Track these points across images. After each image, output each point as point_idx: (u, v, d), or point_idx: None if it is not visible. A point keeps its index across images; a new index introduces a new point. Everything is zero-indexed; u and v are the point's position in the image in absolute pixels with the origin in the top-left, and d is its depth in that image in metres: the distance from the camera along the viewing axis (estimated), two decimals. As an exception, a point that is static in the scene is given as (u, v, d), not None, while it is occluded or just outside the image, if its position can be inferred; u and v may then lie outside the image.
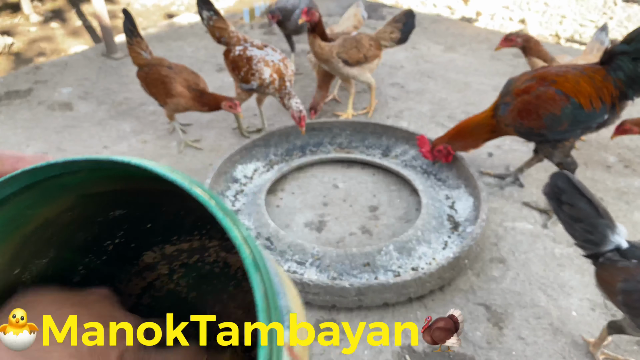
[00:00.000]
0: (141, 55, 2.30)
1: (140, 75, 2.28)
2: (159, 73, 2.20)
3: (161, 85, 2.18)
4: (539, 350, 1.40)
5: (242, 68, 2.14)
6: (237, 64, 2.17)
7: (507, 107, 1.81)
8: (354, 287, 1.45)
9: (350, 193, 2.07)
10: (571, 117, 1.72)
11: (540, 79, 1.76)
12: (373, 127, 2.33)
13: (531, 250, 1.75)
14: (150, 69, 2.23)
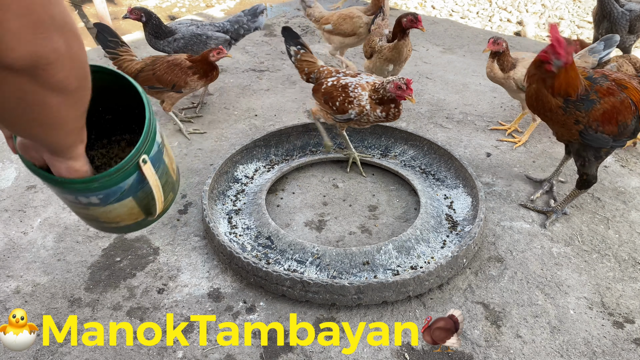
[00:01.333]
0: (135, 60, 2.32)
1: (147, 76, 2.26)
2: (167, 61, 2.26)
3: (177, 69, 2.25)
4: (536, 349, 1.41)
5: (337, 98, 1.94)
6: (331, 94, 1.96)
7: (592, 104, 1.61)
8: (354, 285, 1.46)
9: (350, 193, 2.09)
10: (633, 128, 1.67)
11: (616, 82, 1.66)
12: (372, 127, 2.35)
13: (529, 249, 1.77)
14: (154, 64, 2.27)
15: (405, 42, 2.48)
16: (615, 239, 1.82)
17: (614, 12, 2.67)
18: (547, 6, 5.11)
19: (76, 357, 1.37)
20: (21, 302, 1.53)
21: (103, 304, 1.53)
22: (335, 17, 2.90)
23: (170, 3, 5.05)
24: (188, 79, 2.27)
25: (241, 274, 1.61)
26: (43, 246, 1.75)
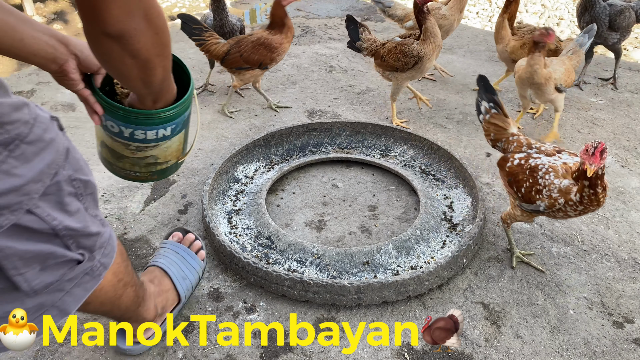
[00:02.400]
0: (221, 43, 2.45)
1: (234, 59, 2.40)
2: (251, 41, 2.38)
3: (262, 48, 2.37)
4: (536, 349, 1.41)
5: (523, 183, 1.53)
6: (516, 176, 1.56)
7: None
8: (354, 285, 1.46)
9: (350, 193, 2.09)
10: None
11: None
12: (372, 127, 2.35)
13: (528, 249, 1.77)
14: (239, 45, 2.40)
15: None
16: (615, 239, 1.82)
17: (596, 6, 2.64)
18: (547, 6, 5.11)
19: (76, 357, 1.37)
20: (21, 302, 1.53)
21: (103, 304, 1.53)
22: None
23: (170, 3, 5.05)
24: (274, 55, 2.41)
25: (241, 274, 1.61)
26: (43, 246, 1.75)
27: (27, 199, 0.71)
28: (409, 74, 2.36)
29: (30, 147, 0.71)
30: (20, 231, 0.73)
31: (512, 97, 2.90)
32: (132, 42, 0.71)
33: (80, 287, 0.89)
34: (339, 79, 3.12)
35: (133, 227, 1.85)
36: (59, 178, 0.77)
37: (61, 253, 0.81)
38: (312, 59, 3.40)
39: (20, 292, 0.80)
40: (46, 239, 0.78)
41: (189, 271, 1.46)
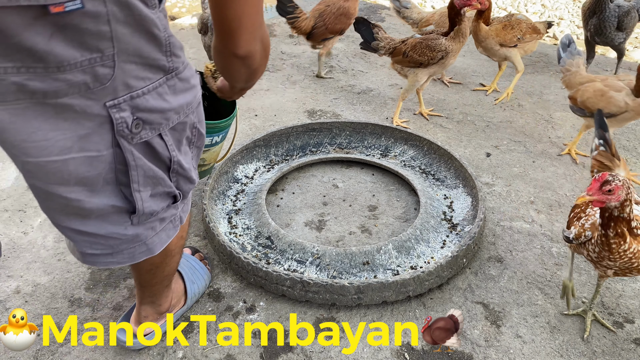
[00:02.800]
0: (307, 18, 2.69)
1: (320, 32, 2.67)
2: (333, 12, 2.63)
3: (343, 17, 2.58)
4: (536, 349, 1.41)
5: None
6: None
7: None
8: (354, 285, 1.46)
9: (350, 193, 2.09)
10: None
11: None
12: (372, 127, 2.35)
13: (528, 249, 1.77)
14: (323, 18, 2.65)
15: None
16: (615, 239, 1.82)
17: (606, 9, 2.65)
18: (547, 6, 5.12)
19: (76, 357, 1.37)
20: (21, 302, 1.53)
21: (103, 304, 1.53)
22: (437, 16, 2.89)
23: (170, 3, 5.05)
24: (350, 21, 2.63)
25: (241, 274, 1.61)
26: (43, 246, 1.75)
27: (165, 124, 0.84)
28: (432, 69, 2.39)
29: (179, 83, 0.85)
30: (150, 150, 0.85)
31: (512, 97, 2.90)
32: (251, 60, 0.92)
33: (165, 232, 1.01)
34: (339, 79, 3.12)
35: (133, 227, 1.85)
36: (187, 120, 0.90)
37: (168, 183, 0.93)
38: (312, 59, 3.40)
39: (127, 216, 0.91)
40: (163, 166, 0.90)
41: (197, 277, 1.51)
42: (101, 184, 0.84)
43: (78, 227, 0.89)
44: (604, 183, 1.14)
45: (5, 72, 0.66)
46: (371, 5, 4.59)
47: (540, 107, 2.80)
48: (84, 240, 0.92)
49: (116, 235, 0.92)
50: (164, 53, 0.80)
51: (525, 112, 2.74)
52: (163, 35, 0.78)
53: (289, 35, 3.83)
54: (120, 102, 0.76)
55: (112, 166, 0.82)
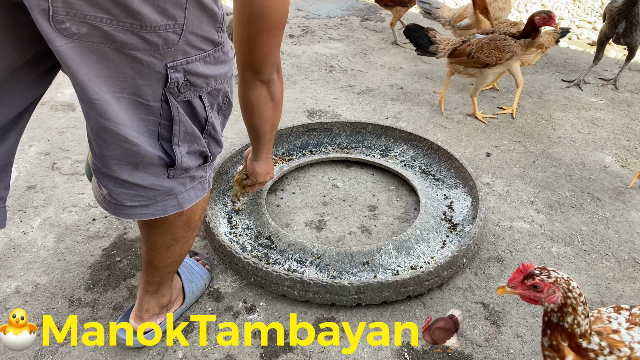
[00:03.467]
0: None
1: None
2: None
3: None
4: (536, 349, 1.41)
5: None
6: None
7: None
8: (354, 285, 1.46)
9: (350, 193, 2.09)
10: None
11: None
12: (372, 127, 2.35)
13: (528, 249, 1.77)
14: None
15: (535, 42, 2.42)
16: (615, 239, 1.82)
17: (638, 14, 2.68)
18: (547, 6, 5.11)
19: (76, 357, 1.37)
20: (21, 302, 1.53)
21: (103, 304, 1.53)
22: (470, 8, 2.90)
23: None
24: None
25: (241, 274, 1.61)
26: (43, 246, 1.75)
27: (206, 88, 0.95)
28: (497, 69, 2.42)
29: (222, 55, 0.96)
30: (191, 109, 0.96)
31: (509, 97, 2.90)
32: (273, 86, 1.18)
33: (194, 190, 1.10)
34: (339, 79, 3.12)
35: (133, 227, 1.85)
36: (221, 87, 1.00)
37: (203, 142, 1.02)
38: (312, 59, 3.40)
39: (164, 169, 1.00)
40: (199, 125, 1.00)
41: (195, 277, 1.52)
42: (147, 135, 0.93)
43: (126, 178, 0.97)
44: (528, 276, 0.94)
45: (100, 21, 0.77)
46: (371, 6, 4.60)
47: (540, 107, 2.80)
48: (125, 193, 1.01)
49: (155, 187, 1.01)
50: (216, 28, 0.92)
51: (525, 112, 2.74)
52: (220, 13, 0.91)
53: (289, 35, 3.83)
54: (178, 64, 0.88)
55: (156, 120, 0.93)
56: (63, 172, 2.15)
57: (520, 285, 0.95)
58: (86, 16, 0.75)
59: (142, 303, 1.34)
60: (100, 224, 1.86)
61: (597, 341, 0.93)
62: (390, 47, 3.68)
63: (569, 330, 0.92)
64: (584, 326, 0.92)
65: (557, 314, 0.93)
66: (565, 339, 0.93)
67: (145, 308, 1.34)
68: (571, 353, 0.94)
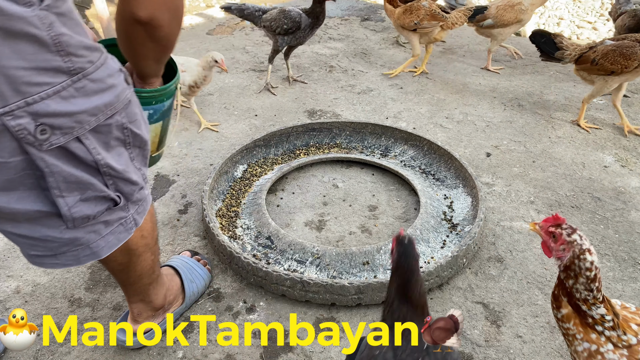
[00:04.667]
0: None
1: None
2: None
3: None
4: (536, 349, 1.41)
5: None
6: None
7: None
8: (354, 285, 1.46)
9: (350, 193, 2.09)
10: None
11: None
12: (372, 127, 2.35)
13: (528, 249, 1.77)
14: None
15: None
16: (614, 239, 1.82)
17: None
18: (547, 6, 5.11)
19: (76, 357, 1.37)
20: (21, 302, 1.53)
21: (103, 304, 1.53)
22: (493, 10, 2.92)
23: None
24: None
25: (241, 274, 1.61)
26: (43, 246, 1.75)
27: (79, 127, 0.80)
28: (623, 77, 2.35)
29: (92, 84, 0.81)
30: (68, 155, 0.82)
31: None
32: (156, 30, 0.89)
33: (114, 235, 0.98)
34: (339, 79, 3.12)
35: (133, 227, 1.85)
36: (112, 121, 0.86)
37: (100, 187, 0.89)
38: (312, 59, 3.40)
39: (60, 220, 0.87)
40: (88, 170, 0.86)
41: (196, 277, 1.52)
42: (22, 189, 0.82)
43: (12, 230, 0.88)
44: (555, 225, 1.00)
45: None
46: (371, 6, 4.59)
47: (540, 107, 2.80)
48: (23, 242, 0.92)
49: (51, 239, 0.90)
50: (55, 53, 0.75)
51: (525, 112, 2.74)
52: (46, 34, 0.73)
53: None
54: (12, 109, 0.72)
55: (27, 173, 0.80)
56: (63, 172, 2.15)
57: (545, 229, 1.02)
58: None
59: (132, 310, 1.33)
60: (100, 224, 1.86)
61: (602, 313, 0.98)
62: (390, 47, 3.68)
63: (568, 289, 1.00)
64: (584, 294, 0.98)
65: (563, 272, 1.00)
66: (565, 295, 1.02)
67: (137, 313, 1.33)
68: (567, 307, 1.02)
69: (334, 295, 1.48)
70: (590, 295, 0.97)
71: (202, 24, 4.07)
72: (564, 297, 1.02)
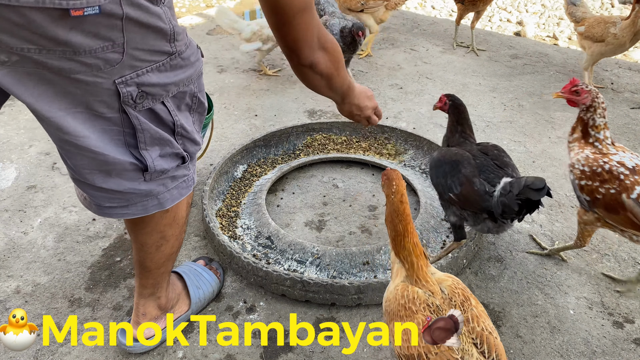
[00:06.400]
0: None
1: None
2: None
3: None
4: (536, 348, 1.41)
5: None
6: None
7: None
8: (354, 285, 1.46)
9: (350, 193, 2.09)
10: None
11: None
12: (372, 127, 2.35)
13: (528, 249, 1.77)
14: None
15: None
16: (615, 239, 1.82)
17: None
18: (547, 6, 5.12)
19: (76, 357, 1.37)
20: (21, 302, 1.53)
21: (103, 304, 1.53)
22: (590, 19, 2.83)
23: (170, 3, 5.04)
24: None
25: (241, 273, 1.61)
26: (43, 246, 1.75)
27: (166, 94, 0.95)
28: None
29: (180, 61, 0.95)
30: (154, 116, 0.96)
31: (512, 97, 2.89)
32: (318, 66, 1.18)
33: (177, 189, 1.11)
34: (339, 79, 3.12)
35: (133, 227, 1.85)
36: (187, 90, 1.00)
37: (175, 145, 1.03)
38: (312, 59, 3.40)
39: (140, 173, 1.00)
40: (167, 130, 1.00)
41: (203, 283, 1.52)
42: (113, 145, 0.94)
43: (100, 184, 0.98)
44: (574, 86, 1.50)
45: (29, 51, 0.76)
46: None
47: (540, 107, 2.80)
48: (102, 196, 1.02)
49: (132, 190, 1.01)
50: (168, 40, 0.91)
51: (525, 112, 2.74)
52: (168, 26, 0.89)
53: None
54: (127, 79, 0.87)
55: (119, 129, 0.93)
56: (63, 172, 2.15)
57: (569, 91, 1.51)
58: (13, 48, 0.75)
59: (139, 307, 1.33)
60: (100, 224, 1.86)
61: (607, 135, 1.50)
62: (390, 47, 3.68)
63: (585, 121, 1.51)
64: (598, 120, 1.49)
65: (584, 110, 1.50)
66: (579, 125, 1.53)
67: (142, 312, 1.33)
68: (578, 133, 1.53)
69: (334, 295, 1.48)
70: (602, 121, 1.48)
71: (202, 24, 4.07)
72: (579, 126, 1.53)
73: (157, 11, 0.86)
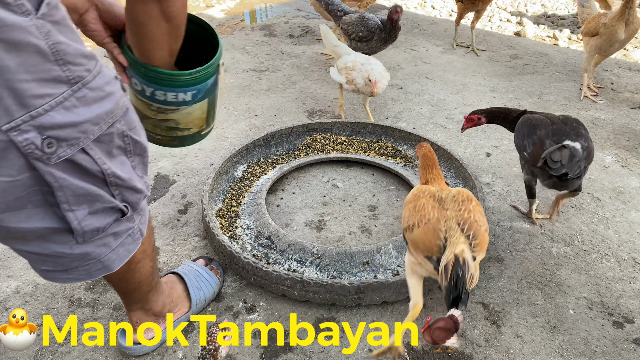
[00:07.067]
0: None
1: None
2: None
3: None
4: (536, 348, 1.41)
5: None
6: None
7: None
8: (354, 285, 1.46)
9: (350, 193, 2.09)
10: None
11: None
12: (372, 127, 2.35)
13: (528, 249, 1.77)
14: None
15: None
16: (615, 239, 1.82)
17: None
18: (547, 6, 5.12)
19: (76, 357, 1.37)
20: (21, 302, 1.53)
21: (103, 304, 1.53)
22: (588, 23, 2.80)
23: (170, 3, 5.04)
24: None
25: (241, 274, 1.61)
26: (43, 246, 1.75)
27: (84, 138, 0.79)
28: None
29: (91, 92, 0.79)
30: (75, 168, 0.81)
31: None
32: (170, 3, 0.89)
33: (123, 247, 0.98)
34: (339, 79, 3.12)
35: (133, 227, 1.85)
36: (113, 130, 0.85)
37: (108, 198, 0.88)
38: (312, 59, 3.40)
39: (70, 235, 0.87)
40: (96, 182, 0.85)
41: (203, 284, 1.51)
42: (30, 207, 0.80)
43: (22, 248, 0.87)
44: None
45: None
46: (372, 6, 4.59)
47: (540, 107, 2.80)
48: (33, 258, 0.91)
49: (62, 255, 0.89)
50: (54, 63, 0.73)
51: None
52: (44, 43, 0.71)
53: (289, 35, 3.83)
54: (19, 123, 0.71)
55: (35, 189, 0.78)
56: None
57: None
58: None
59: (131, 318, 1.32)
60: (100, 224, 1.86)
61: None
62: (390, 47, 3.67)
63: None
64: None
65: None
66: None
67: (135, 321, 1.32)
68: None
69: (334, 295, 1.48)
70: None
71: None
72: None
73: (22, 24, 0.67)
